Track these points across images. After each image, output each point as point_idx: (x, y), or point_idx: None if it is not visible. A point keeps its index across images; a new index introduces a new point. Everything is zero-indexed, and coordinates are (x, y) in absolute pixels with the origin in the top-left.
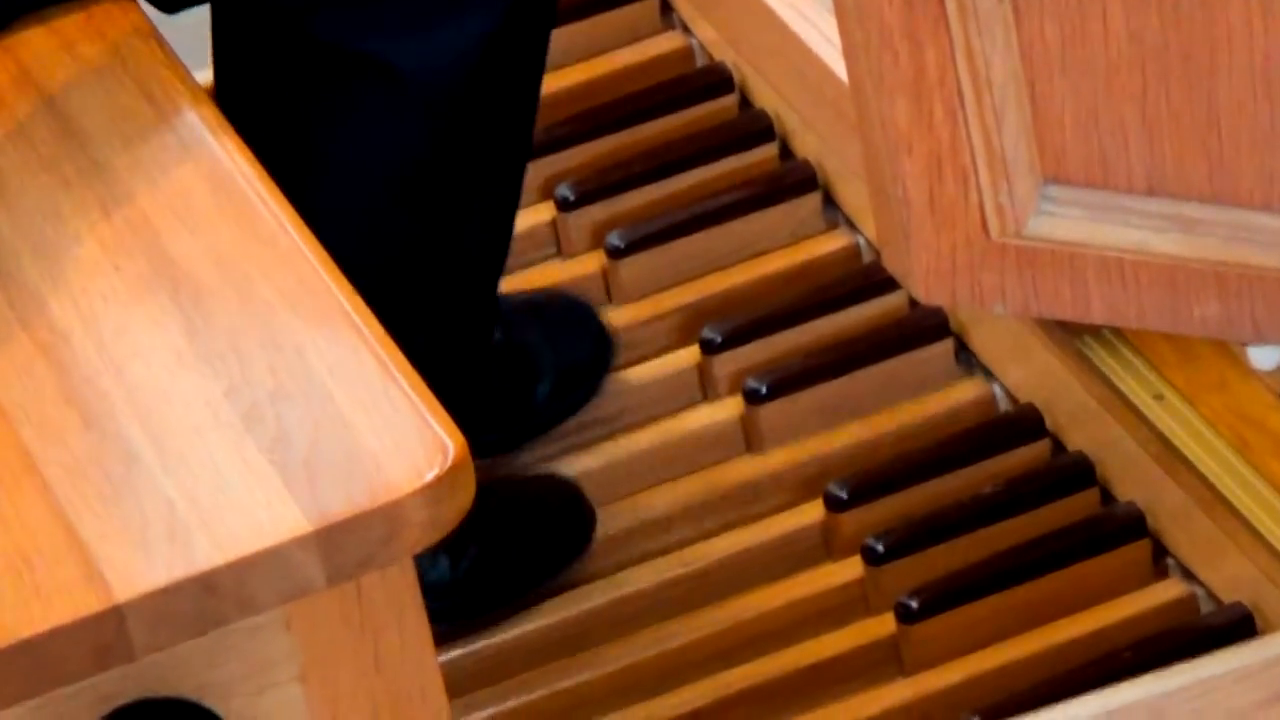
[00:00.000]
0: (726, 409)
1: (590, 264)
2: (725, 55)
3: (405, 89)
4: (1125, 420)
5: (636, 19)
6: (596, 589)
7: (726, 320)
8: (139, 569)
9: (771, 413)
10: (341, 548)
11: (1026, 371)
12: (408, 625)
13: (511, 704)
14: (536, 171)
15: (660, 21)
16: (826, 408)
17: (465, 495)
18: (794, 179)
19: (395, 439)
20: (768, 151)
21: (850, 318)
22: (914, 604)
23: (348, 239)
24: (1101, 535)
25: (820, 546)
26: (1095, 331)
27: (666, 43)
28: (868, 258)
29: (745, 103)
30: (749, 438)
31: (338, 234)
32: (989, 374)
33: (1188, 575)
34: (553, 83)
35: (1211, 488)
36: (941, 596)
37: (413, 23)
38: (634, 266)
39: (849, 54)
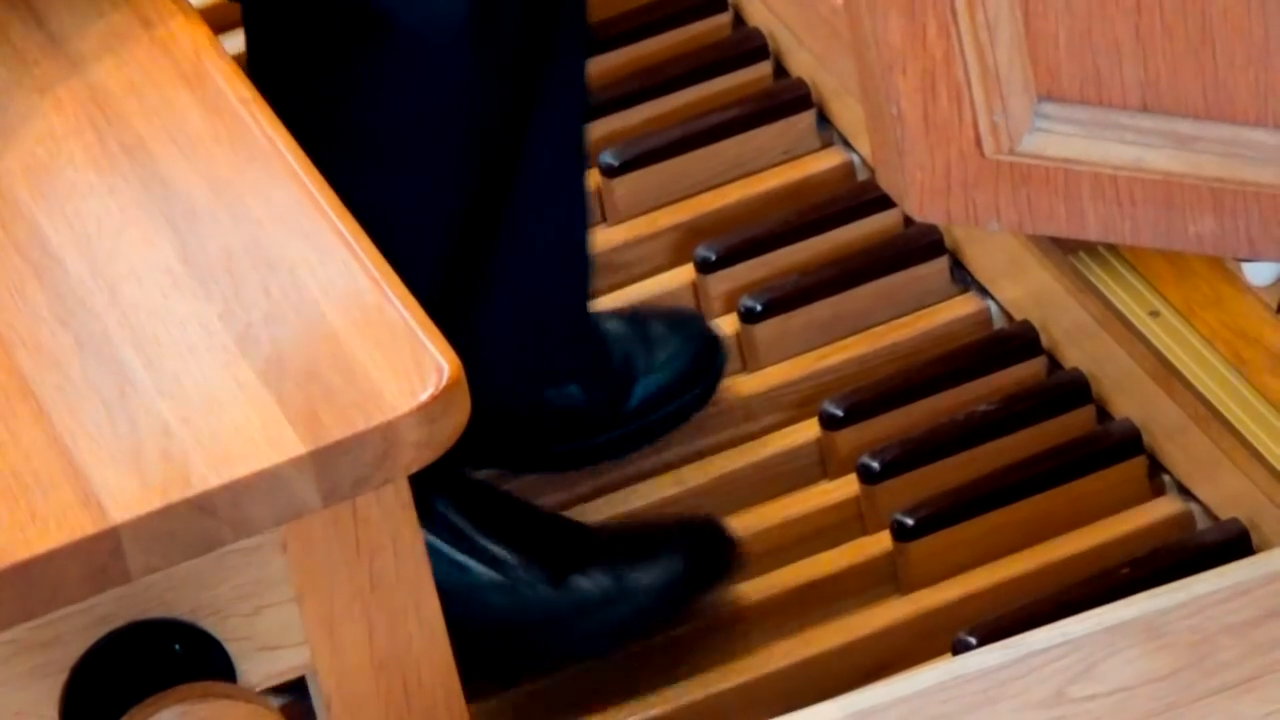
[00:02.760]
0: (722, 327)
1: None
2: None
3: (415, 44)
4: (1121, 337)
5: None
6: (593, 508)
7: (721, 239)
8: (134, 491)
9: (766, 331)
10: (336, 468)
11: (1022, 288)
12: (403, 545)
13: None
14: None
15: None
16: (821, 326)
17: (460, 415)
18: (788, 97)
19: (389, 359)
20: (762, 70)
21: (845, 236)
22: (910, 522)
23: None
24: (1097, 452)
25: (816, 465)
26: (1090, 248)
27: None
28: (862, 176)
29: (739, 21)
30: (744, 356)
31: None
32: (984, 291)
33: (1184, 492)
34: None
35: (1208, 404)
36: (937, 514)
37: None
38: (628, 185)
39: None
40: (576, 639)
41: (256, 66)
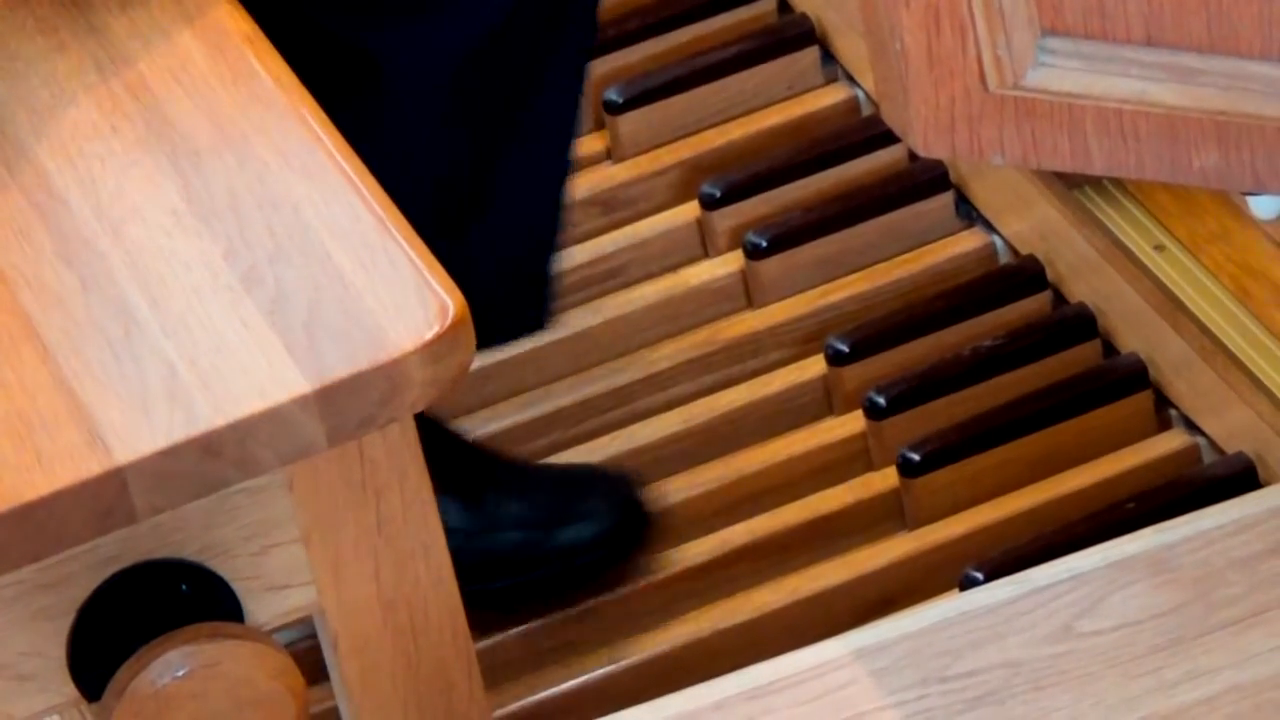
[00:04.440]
0: (727, 264)
1: (588, 119)
2: None
3: (394, 86)
4: (1127, 271)
5: None
6: (599, 445)
7: (726, 175)
8: (140, 432)
9: (772, 267)
10: (342, 408)
11: (1027, 223)
12: (409, 485)
13: None
14: None
15: None
16: (827, 262)
17: (465, 353)
18: (792, 33)
19: (394, 298)
20: (766, 5)
21: (850, 171)
22: (916, 457)
23: None
24: (1103, 387)
25: (822, 401)
26: (1095, 182)
27: None
28: (866, 111)
29: None
30: (750, 292)
31: None
32: (989, 226)
33: (1190, 426)
34: None
35: (1213, 338)
36: (943, 450)
37: (402, 15)
38: (633, 122)
39: None
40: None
41: None
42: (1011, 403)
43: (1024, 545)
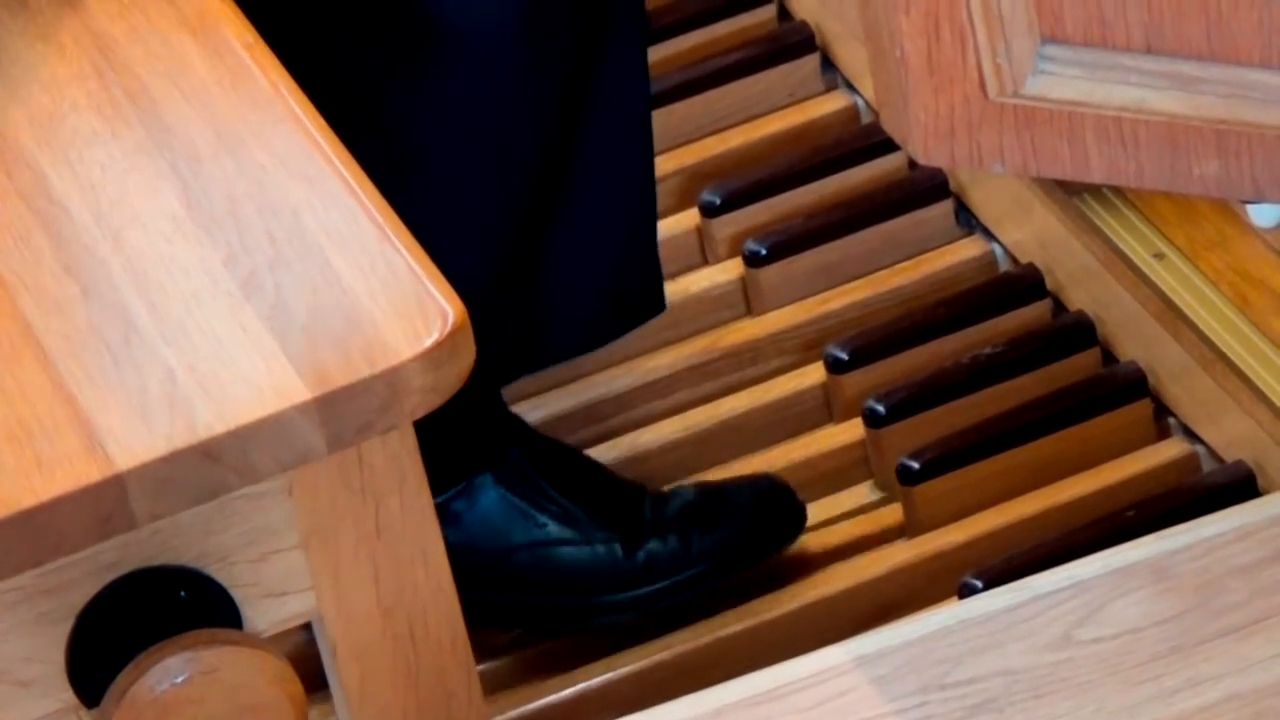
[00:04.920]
0: (727, 271)
1: None
2: None
3: (458, 47)
4: (1126, 279)
5: None
6: (597, 453)
7: (725, 183)
8: (140, 438)
9: (771, 275)
10: (341, 414)
11: (1026, 231)
12: (409, 491)
13: None
14: None
15: None
16: (826, 269)
17: (465, 360)
18: (792, 40)
19: (394, 304)
20: (766, 13)
21: (849, 179)
22: (916, 465)
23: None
24: (1103, 395)
25: (821, 408)
26: (1095, 190)
27: None
28: (866, 119)
29: None
30: (749, 300)
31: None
32: (989, 234)
33: (1189, 434)
34: None
35: (1213, 346)
36: (943, 458)
37: None
38: None
39: None
40: (643, 598)
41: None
42: (1011, 411)
43: (1023, 553)
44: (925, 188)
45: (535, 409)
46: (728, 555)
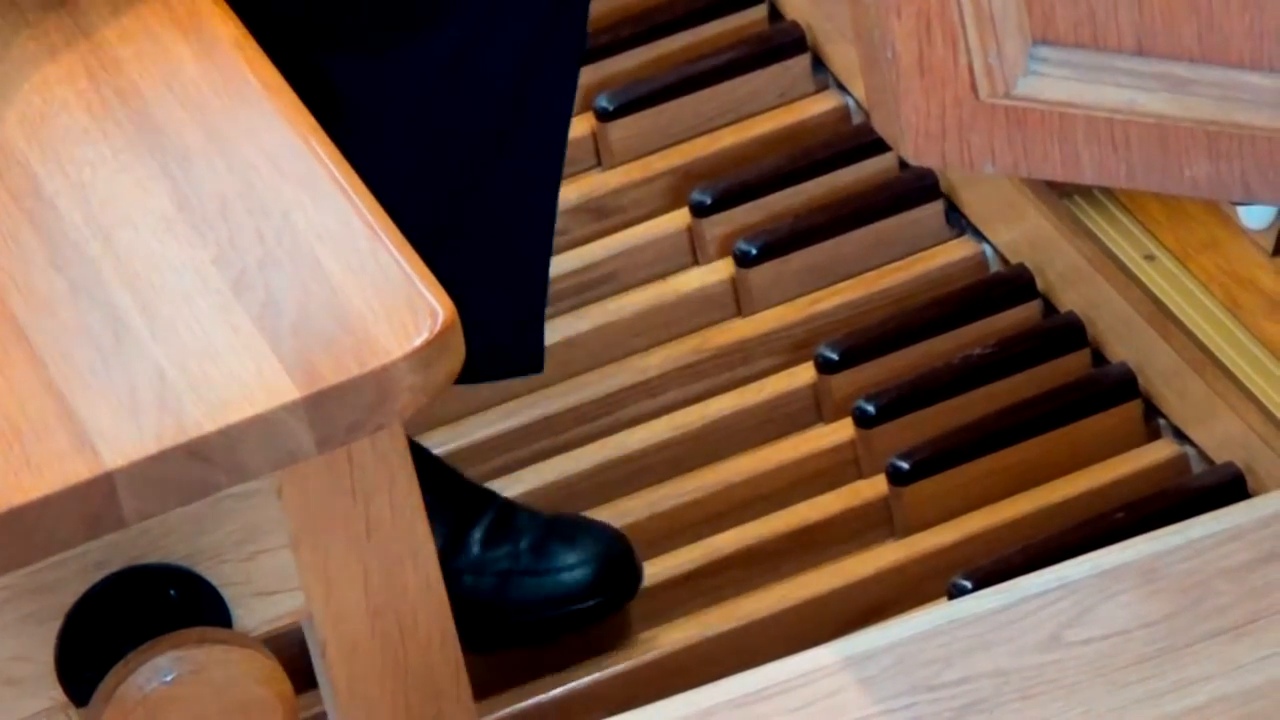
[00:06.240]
0: (717, 271)
1: (580, 126)
2: None
3: (358, 118)
4: (1116, 280)
5: None
6: (587, 452)
7: (716, 183)
8: (129, 437)
9: (762, 275)
10: (331, 414)
11: (1017, 232)
12: (398, 491)
13: None
14: None
15: None
16: (817, 270)
17: (454, 360)
18: (783, 41)
19: (383, 304)
20: (757, 13)
21: (840, 179)
22: (905, 465)
23: None
24: (1093, 396)
25: (811, 409)
26: (1086, 191)
27: None
28: (857, 119)
29: None
30: (739, 300)
31: None
32: (979, 235)
33: (1179, 435)
34: None
35: (1203, 348)
36: (933, 458)
37: (364, 45)
38: (623, 129)
39: None
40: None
41: None
42: (1001, 411)
43: (1013, 554)
44: (916, 188)
45: (526, 409)
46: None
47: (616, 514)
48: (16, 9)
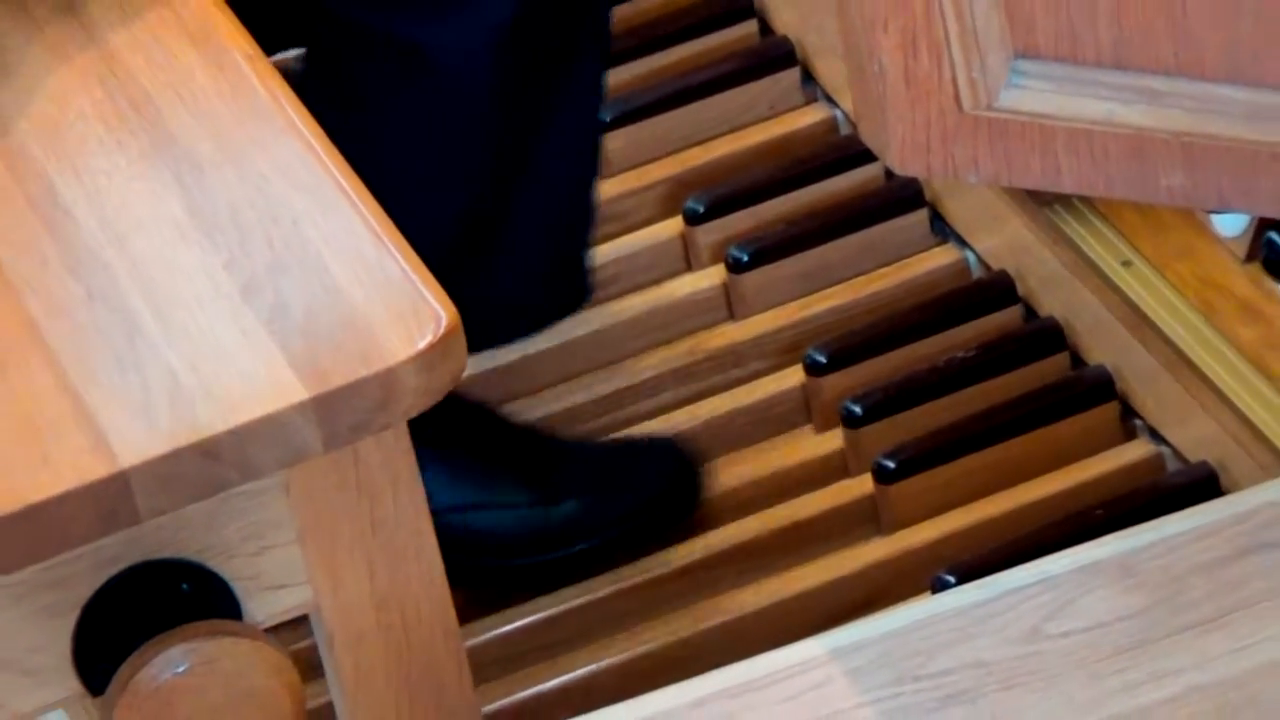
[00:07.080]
0: (709, 277)
1: None
2: None
3: (435, 71)
4: (1095, 286)
5: None
6: None
7: (709, 191)
8: (143, 436)
9: (753, 280)
10: (337, 414)
11: (999, 239)
12: (402, 489)
13: None
14: None
15: None
16: (806, 276)
17: (457, 362)
18: (773, 55)
19: (389, 308)
20: (747, 28)
21: (828, 189)
22: (891, 464)
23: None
24: (1072, 397)
25: (801, 410)
26: (1065, 200)
27: None
28: (845, 131)
29: None
30: (731, 305)
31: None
32: (962, 242)
33: (1155, 435)
34: None
35: (1178, 351)
36: (917, 457)
37: (438, 5)
38: (620, 139)
39: None
40: (561, 560)
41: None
42: (983, 412)
43: (994, 549)
44: (901, 197)
45: (522, 410)
46: (638, 524)
47: None
48: (31, 22)
